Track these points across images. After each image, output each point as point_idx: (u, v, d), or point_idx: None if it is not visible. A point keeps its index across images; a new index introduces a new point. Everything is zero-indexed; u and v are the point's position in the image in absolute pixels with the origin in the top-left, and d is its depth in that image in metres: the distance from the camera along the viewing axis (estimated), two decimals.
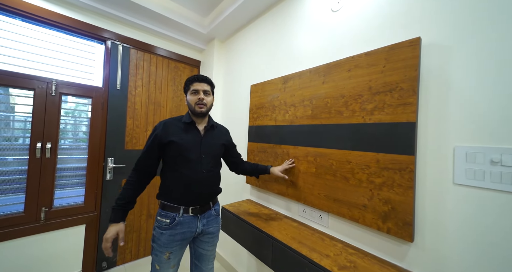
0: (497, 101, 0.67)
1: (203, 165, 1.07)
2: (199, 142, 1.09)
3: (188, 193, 1.04)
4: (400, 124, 0.84)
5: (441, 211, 0.76)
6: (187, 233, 1.06)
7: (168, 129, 1.06)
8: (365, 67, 0.97)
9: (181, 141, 1.05)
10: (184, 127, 1.09)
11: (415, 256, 0.82)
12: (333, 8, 1.17)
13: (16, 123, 1.49)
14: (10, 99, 1.47)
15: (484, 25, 0.71)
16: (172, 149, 1.04)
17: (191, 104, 1.08)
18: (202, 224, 1.09)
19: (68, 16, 1.62)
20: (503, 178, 0.64)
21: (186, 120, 1.10)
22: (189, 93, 1.09)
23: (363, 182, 0.95)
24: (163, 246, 1.02)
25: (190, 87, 1.09)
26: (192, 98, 1.08)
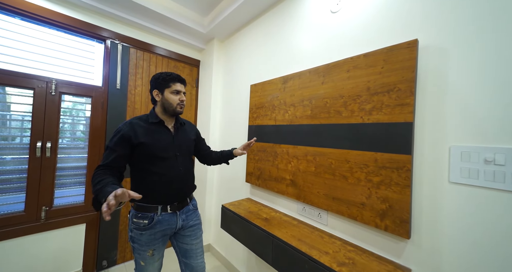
0: (491, 102, 0.69)
1: (179, 162, 1.09)
2: (171, 141, 1.09)
3: (169, 192, 1.05)
4: (397, 125, 0.86)
5: (437, 208, 0.79)
6: (168, 230, 1.08)
7: (136, 130, 1.02)
8: (363, 68, 0.99)
9: (154, 141, 1.03)
10: (152, 127, 1.06)
11: (411, 253, 0.84)
12: (332, 9, 1.19)
13: (15, 123, 1.49)
14: (7, 98, 1.47)
15: (480, 28, 0.73)
16: (144, 151, 1.01)
17: (172, 104, 1.07)
18: (181, 219, 1.11)
19: (68, 15, 1.61)
20: (496, 176, 0.67)
21: (154, 120, 1.07)
22: (169, 92, 1.07)
23: (361, 181, 0.97)
24: (144, 245, 1.03)
25: (170, 86, 1.07)
26: (174, 98, 1.07)
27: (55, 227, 1.57)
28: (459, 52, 0.76)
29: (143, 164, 1.03)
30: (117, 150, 0.98)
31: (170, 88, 1.07)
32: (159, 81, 1.07)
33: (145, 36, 2.01)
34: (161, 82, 1.07)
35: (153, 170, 1.03)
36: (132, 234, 1.05)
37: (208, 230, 2.16)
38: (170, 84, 1.07)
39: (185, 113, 2.33)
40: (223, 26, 1.95)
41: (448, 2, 0.80)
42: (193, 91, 2.40)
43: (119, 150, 0.98)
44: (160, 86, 1.07)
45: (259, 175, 1.57)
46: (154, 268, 1.10)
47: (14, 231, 1.41)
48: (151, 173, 1.03)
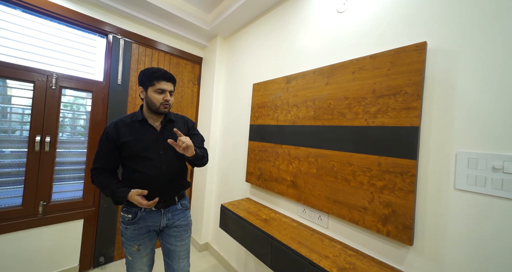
0: (501, 108, 0.67)
1: (162, 161, 1.06)
2: (155, 139, 1.06)
3: (150, 191, 1.02)
4: (403, 129, 0.84)
5: (441, 216, 0.77)
6: (152, 226, 1.07)
7: (119, 130, 1.03)
8: (369, 70, 0.97)
9: (135, 141, 1.02)
10: (136, 126, 1.05)
11: (414, 260, 0.83)
12: (339, 9, 1.16)
13: (14, 116, 1.48)
14: (7, 91, 1.45)
15: (491, 30, 0.71)
16: (127, 150, 1.02)
17: (155, 103, 1.02)
18: (166, 218, 1.10)
19: (70, 9, 1.59)
20: (505, 185, 0.65)
21: (138, 118, 1.05)
22: (153, 90, 1.00)
23: (364, 185, 0.96)
24: (130, 240, 1.04)
25: (154, 84, 1.00)
26: (157, 98, 1.01)
27: (53, 222, 1.56)
28: (469, 56, 0.74)
29: (128, 162, 1.04)
30: (105, 151, 1.03)
31: (153, 87, 1.00)
32: (143, 78, 1.01)
33: (147, 32, 1.99)
34: (144, 79, 1.01)
35: (135, 168, 1.03)
36: (121, 226, 1.07)
37: (207, 228, 2.15)
38: (154, 82, 0.99)
39: (186, 110, 2.32)
40: (226, 23, 1.93)
41: (457, 4, 0.78)
42: (195, 88, 2.38)
43: (107, 150, 1.02)
44: (144, 84, 1.02)
45: (259, 175, 1.55)
46: (142, 264, 1.09)
47: (11, 225, 1.40)
48: (134, 171, 1.03)
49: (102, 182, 1.01)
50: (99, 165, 1.03)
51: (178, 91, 2.24)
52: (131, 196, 0.96)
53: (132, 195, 0.96)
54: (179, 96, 2.24)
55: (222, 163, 2.09)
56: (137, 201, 0.95)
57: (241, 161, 1.81)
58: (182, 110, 2.27)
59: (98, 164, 1.03)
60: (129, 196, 0.96)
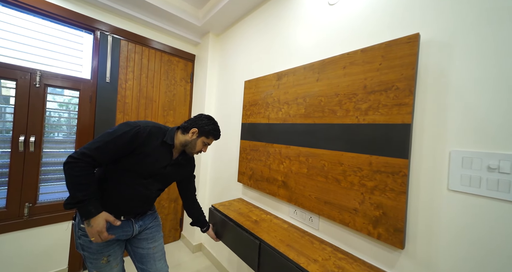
0: (498, 104, 0.63)
1: (155, 185, 1.03)
2: (164, 166, 1.02)
3: (126, 207, 0.98)
4: (394, 126, 0.80)
5: (434, 218, 0.73)
6: (122, 236, 1.01)
7: (150, 139, 0.95)
8: (360, 64, 0.92)
9: (151, 158, 0.96)
10: (162, 145, 0.99)
11: (405, 264, 0.79)
12: (330, 1, 1.11)
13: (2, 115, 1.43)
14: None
15: (488, 21, 0.66)
16: (136, 160, 0.92)
17: (194, 149, 1.06)
18: (138, 225, 1.05)
19: (55, 4, 1.54)
20: (500, 186, 0.61)
21: (169, 141, 1.00)
22: (202, 140, 1.06)
23: (354, 185, 0.91)
24: (96, 253, 0.94)
25: (209, 137, 1.07)
26: (199, 147, 1.07)
27: (39, 224, 1.52)
28: (465, 48, 0.69)
29: (123, 169, 0.93)
30: (117, 146, 0.87)
31: (206, 139, 1.07)
32: (205, 128, 1.05)
33: (137, 28, 1.93)
34: (207, 129, 1.05)
35: (126, 181, 0.94)
36: (80, 241, 0.94)
37: None
38: (209, 137, 1.08)
39: (179, 109, 2.27)
40: (218, 19, 1.87)
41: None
42: (188, 86, 2.33)
43: (119, 148, 0.88)
44: (202, 132, 1.05)
45: (251, 175, 1.51)
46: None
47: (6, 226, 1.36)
48: (122, 183, 0.94)
49: (82, 177, 0.82)
50: (94, 155, 0.83)
51: (170, 89, 2.19)
52: (99, 219, 0.83)
53: (101, 221, 0.83)
54: (171, 94, 2.20)
55: (215, 163, 2.05)
56: (99, 228, 0.82)
57: (233, 160, 1.77)
58: (174, 109, 2.23)
59: (93, 154, 0.83)
60: (98, 218, 0.83)
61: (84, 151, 0.82)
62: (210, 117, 1.09)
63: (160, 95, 2.12)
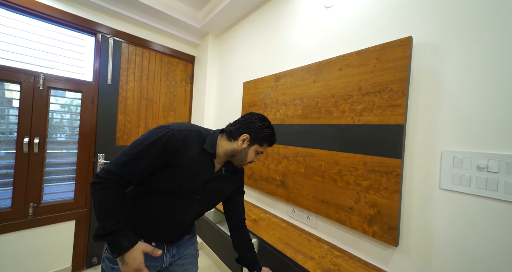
0: (487, 105, 0.65)
1: (192, 209, 0.82)
2: (205, 180, 0.80)
3: (157, 234, 0.80)
4: (388, 127, 0.82)
5: (426, 216, 0.75)
6: (149, 268, 0.79)
7: (186, 146, 0.73)
8: (355, 66, 0.94)
9: (189, 171, 0.75)
10: (201, 154, 0.77)
11: (399, 261, 0.81)
12: (326, 4, 1.13)
13: (1, 117, 1.46)
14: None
15: (479, 26, 0.68)
16: (169, 175, 0.73)
17: (246, 159, 0.82)
18: (170, 255, 0.84)
19: (57, 8, 1.57)
20: (489, 184, 0.63)
21: (209, 149, 0.77)
22: (255, 149, 0.82)
23: (350, 184, 0.94)
24: None
25: (263, 145, 0.83)
26: (253, 157, 0.83)
27: (44, 223, 1.56)
28: (456, 52, 0.71)
29: (151, 188, 0.76)
30: (150, 161, 0.68)
31: (260, 147, 0.83)
32: (260, 134, 0.80)
33: (137, 31, 1.96)
34: (260, 135, 0.81)
35: (156, 202, 0.76)
36: (103, 265, 0.78)
37: None
38: (263, 144, 0.84)
39: (179, 110, 2.30)
40: (217, 20, 1.90)
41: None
42: (188, 87, 2.36)
43: (153, 161, 0.69)
44: (256, 139, 0.81)
45: (250, 174, 1.54)
46: None
47: (0, 227, 1.39)
48: (151, 204, 0.76)
49: (113, 201, 0.66)
50: (123, 173, 0.66)
51: (171, 90, 2.22)
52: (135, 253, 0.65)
53: (138, 255, 0.66)
54: (171, 95, 2.22)
55: None
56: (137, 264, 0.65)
57: None
58: (174, 110, 2.25)
59: (122, 171, 0.66)
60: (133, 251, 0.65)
61: (111, 168, 0.66)
62: (263, 118, 0.83)
63: (160, 97, 2.14)
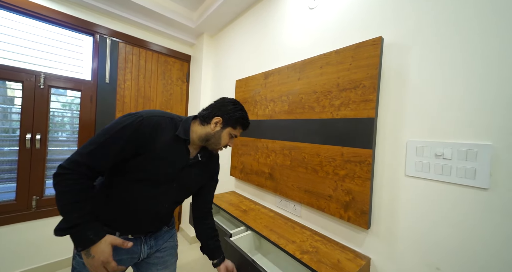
0: (445, 99, 0.72)
1: (169, 197, 0.81)
2: (181, 167, 0.79)
3: (134, 226, 0.78)
4: (361, 120, 0.89)
5: (394, 201, 0.82)
6: (126, 260, 0.78)
7: (155, 135, 0.71)
8: (334, 64, 1.01)
9: (162, 158, 0.73)
10: (173, 140, 0.76)
11: (371, 242, 0.88)
12: (310, 5, 1.20)
13: (4, 115, 1.54)
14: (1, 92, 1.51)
15: (438, 27, 0.74)
16: (142, 163, 0.71)
17: (219, 143, 0.82)
18: (148, 246, 0.83)
19: (57, 10, 1.64)
20: (444, 170, 0.70)
21: (182, 135, 0.76)
22: (229, 132, 0.82)
23: (329, 174, 1.01)
24: None
25: (236, 128, 0.83)
26: (226, 140, 0.83)
27: (46, 215, 1.64)
28: (419, 50, 0.78)
29: (126, 179, 0.72)
30: (116, 145, 0.66)
31: (233, 130, 0.83)
32: (232, 116, 0.81)
33: (134, 31, 2.03)
34: (234, 119, 0.82)
35: (131, 192, 0.73)
36: (75, 263, 0.74)
37: None
38: (237, 127, 0.84)
39: (176, 107, 2.37)
40: (211, 21, 1.96)
41: (411, 1, 0.81)
42: (184, 86, 2.43)
43: (119, 147, 0.66)
44: (228, 121, 0.81)
45: (242, 168, 1.61)
46: None
47: (5, 219, 1.48)
48: (126, 194, 0.73)
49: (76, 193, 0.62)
50: (89, 162, 0.63)
51: (167, 89, 2.29)
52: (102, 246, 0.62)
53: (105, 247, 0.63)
54: (168, 94, 2.30)
55: None
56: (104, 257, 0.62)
57: (225, 155, 1.87)
58: (171, 108, 2.33)
59: (88, 160, 0.63)
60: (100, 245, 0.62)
61: (76, 157, 0.63)
62: (235, 102, 0.85)
63: (157, 95, 2.22)
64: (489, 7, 0.64)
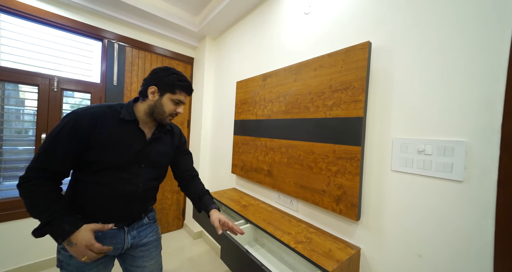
0: (424, 100, 0.77)
1: (140, 177, 0.84)
2: (140, 148, 0.82)
3: (112, 212, 0.81)
4: (351, 119, 0.95)
5: (381, 194, 0.88)
6: (111, 251, 0.80)
7: (96, 124, 0.75)
8: (327, 67, 1.08)
9: (115, 145, 0.77)
10: (121, 126, 0.80)
11: (361, 234, 0.95)
12: (305, 11, 1.26)
13: (24, 116, 1.65)
14: (15, 94, 1.63)
15: (420, 33, 0.80)
16: (98, 155, 0.74)
17: (164, 112, 0.83)
18: (131, 236, 0.87)
19: (68, 17, 1.74)
20: (425, 165, 0.76)
21: (127, 116, 0.80)
22: (170, 98, 0.82)
23: (323, 170, 1.07)
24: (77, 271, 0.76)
25: (175, 92, 0.83)
26: (171, 107, 0.84)
27: None
28: (403, 54, 0.84)
29: (91, 171, 0.75)
30: (62, 145, 0.70)
31: (173, 95, 0.83)
32: (166, 81, 0.81)
33: (140, 36, 2.12)
34: (168, 83, 0.81)
35: (99, 180, 0.76)
36: (60, 256, 0.77)
37: None
38: (175, 91, 0.83)
39: None
40: (212, 25, 2.05)
41: (397, 9, 0.87)
42: None
43: (66, 145, 0.70)
44: (163, 86, 0.81)
45: (242, 166, 1.69)
46: None
47: (17, 213, 1.59)
48: (96, 183, 0.76)
49: (38, 196, 0.67)
50: (44, 164, 0.68)
51: None
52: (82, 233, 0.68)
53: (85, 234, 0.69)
54: None
55: (213, 156, 2.23)
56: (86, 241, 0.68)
57: (227, 154, 1.94)
58: None
59: (40, 164, 0.68)
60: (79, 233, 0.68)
61: (30, 165, 0.68)
62: (167, 68, 0.84)
63: None
64: (469, 13, 0.70)
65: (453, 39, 0.72)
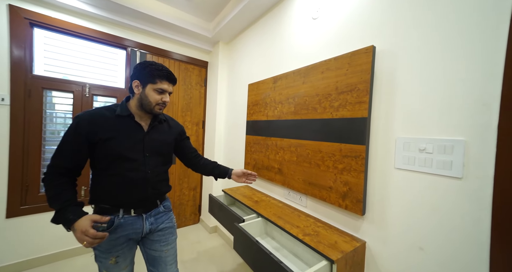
0: (425, 101, 0.81)
1: (147, 165, 0.96)
2: (141, 139, 0.95)
3: (130, 197, 0.92)
4: (356, 119, 1.01)
5: (385, 190, 0.93)
6: (132, 234, 0.95)
7: (97, 123, 0.87)
8: (333, 70, 1.13)
9: (119, 138, 0.89)
10: (119, 121, 0.91)
11: (366, 228, 1.00)
12: (313, 16, 1.32)
13: (59, 120, 1.87)
14: (53, 100, 1.85)
15: (421, 36, 0.84)
16: (106, 149, 0.87)
17: (151, 103, 0.92)
18: (149, 222, 0.99)
19: (95, 29, 1.94)
20: (426, 162, 0.80)
21: (122, 112, 0.92)
22: (153, 88, 0.91)
23: (330, 168, 1.13)
24: (106, 252, 0.90)
25: (156, 82, 0.90)
26: (156, 97, 0.92)
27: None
28: (403, 55, 0.88)
29: (103, 164, 0.89)
30: (71, 145, 0.85)
31: (154, 85, 0.90)
32: (144, 73, 0.90)
33: (158, 43, 2.29)
34: (146, 74, 0.90)
35: (114, 171, 0.89)
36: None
37: None
38: (156, 81, 0.90)
39: (195, 110, 2.61)
40: (225, 30, 2.16)
41: (398, 12, 0.91)
42: (202, 90, 2.66)
43: (73, 145, 0.85)
44: (143, 79, 0.90)
45: (254, 164, 1.78)
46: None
47: None
48: (111, 175, 0.89)
49: (53, 189, 0.81)
50: (58, 162, 0.83)
51: (187, 93, 2.53)
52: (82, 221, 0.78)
53: (84, 221, 0.78)
54: (188, 97, 2.54)
55: (226, 155, 2.35)
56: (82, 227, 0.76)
57: (240, 153, 2.05)
58: (191, 110, 2.57)
59: (57, 161, 0.83)
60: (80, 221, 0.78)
61: (49, 163, 0.84)
62: (143, 62, 0.93)
63: (179, 99, 2.47)
64: (468, 16, 0.73)
65: (453, 39, 0.75)
